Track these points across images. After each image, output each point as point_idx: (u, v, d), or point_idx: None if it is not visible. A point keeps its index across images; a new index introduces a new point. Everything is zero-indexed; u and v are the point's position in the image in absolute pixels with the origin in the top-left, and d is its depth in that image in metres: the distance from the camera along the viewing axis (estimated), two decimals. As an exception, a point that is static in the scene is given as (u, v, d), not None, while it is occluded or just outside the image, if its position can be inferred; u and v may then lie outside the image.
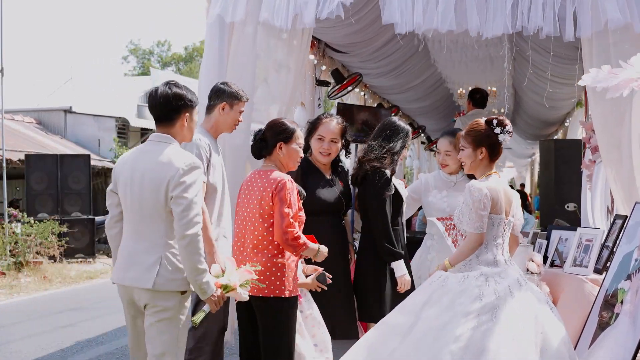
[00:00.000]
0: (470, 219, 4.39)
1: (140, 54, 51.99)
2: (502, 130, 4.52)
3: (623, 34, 5.63)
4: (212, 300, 4.10)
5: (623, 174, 5.81)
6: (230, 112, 5.17)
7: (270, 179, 4.63)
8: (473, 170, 4.62)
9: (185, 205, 3.95)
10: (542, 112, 14.30)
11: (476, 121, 4.62)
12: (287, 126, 4.82)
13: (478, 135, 4.55)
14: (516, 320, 4.13)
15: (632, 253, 4.70)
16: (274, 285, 4.55)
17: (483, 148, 4.54)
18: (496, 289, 4.25)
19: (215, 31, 6.26)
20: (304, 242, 4.57)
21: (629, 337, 4.32)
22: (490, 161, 4.58)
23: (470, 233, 4.41)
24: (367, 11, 7.60)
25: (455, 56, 10.84)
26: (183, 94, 4.14)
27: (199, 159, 4.58)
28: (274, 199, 4.56)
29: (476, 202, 4.36)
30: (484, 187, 4.40)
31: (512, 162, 31.43)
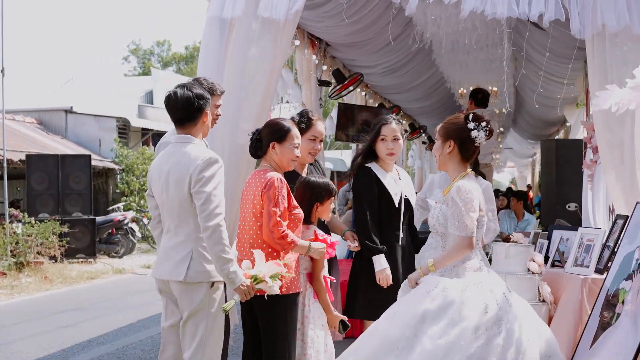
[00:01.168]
0: (460, 221, 4.09)
1: (140, 54, 52.04)
2: (476, 126, 4.21)
3: (622, 35, 5.65)
4: (242, 290, 4.22)
5: (624, 174, 5.81)
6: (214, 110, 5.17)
7: (262, 179, 4.66)
8: (442, 165, 4.35)
9: (204, 198, 4.16)
10: (543, 111, 14.31)
11: (456, 115, 4.38)
12: (281, 125, 4.82)
13: (450, 128, 4.29)
14: (521, 331, 3.97)
15: (633, 253, 4.69)
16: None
17: (452, 141, 4.26)
18: (496, 298, 4.04)
19: (214, 28, 6.24)
20: (292, 240, 4.59)
21: (630, 337, 4.31)
22: (462, 158, 4.28)
23: (461, 237, 4.11)
24: (367, 11, 7.61)
25: (457, 56, 10.85)
26: (202, 94, 4.41)
27: None
28: (263, 198, 4.60)
29: (468, 203, 4.09)
30: (474, 188, 4.17)
31: (514, 162, 31.50)
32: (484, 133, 4.19)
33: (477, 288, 4.05)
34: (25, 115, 22.96)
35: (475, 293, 4.02)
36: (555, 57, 8.72)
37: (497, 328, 3.92)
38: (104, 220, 17.42)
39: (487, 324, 3.92)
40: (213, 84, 5.14)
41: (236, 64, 6.17)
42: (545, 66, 9.19)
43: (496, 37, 9.17)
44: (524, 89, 12.79)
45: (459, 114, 4.37)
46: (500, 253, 5.30)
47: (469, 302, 3.98)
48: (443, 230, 4.22)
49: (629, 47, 5.61)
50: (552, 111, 14.17)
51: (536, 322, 4.17)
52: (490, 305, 3.98)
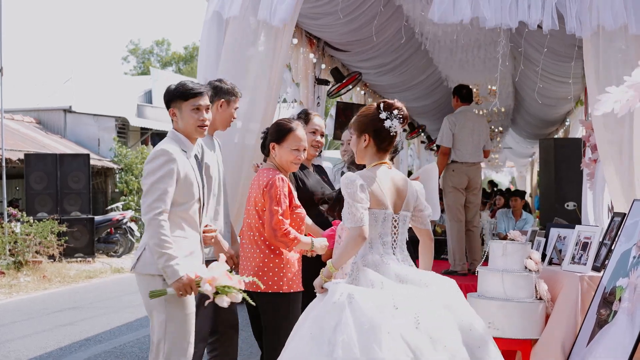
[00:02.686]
0: (349, 212, 3.83)
1: (140, 53, 52.00)
2: (388, 115, 3.97)
3: (619, 35, 5.67)
4: (177, 285, 3.99)
5: (623, 172, 5.82)
6: (227, 109, 5.22)
7: (264, 178, 4.70)
8: (360, 160, 4.10)
9: (144, 191, 4.10)
10: (542, 110, 14.30)
11: (367, 106, 4.13)
12: (282, 126, 4.85)
13: (363, 121, 4.04)
14: (437, 329, 3.62)
15: (630, 251, 4.69)
16: (272, 281, 4.62)
17: (367, 135, 4.01)
18: (405, 294, 3.72)
19: (212, 28, 6.26)
20: (294, 237, 4.61)
21: (627, 334, 4.32)
22: (379, 150, 4.03)
23: (350, 228, 3.85)
24: (364, 9, 7.60)
25: (455, 56, 10.85)
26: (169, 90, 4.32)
27: None
28: (265, 197, 4.63)
29: (351, 194, 3.82)
30: (357, 178, 3.88)
31: (513, 162, 31.49)
32: (397, 121, 3.96)
33: (381, 288, 3.75)
34: (24, 115, 22.96)
35: (382, 294, 3.71)
36: (554, 56, 8.73)
37: (414, 325, 3.60)
38: (103, 219, 17.43)
39: (400, 321, 3.60)
40: (234, 86, 5.26)
41: (233, 63, 6.17)
42: (545, 65, 9.19)
43: (495, 36, 9.17)
44: (523, 87, 12.78)
45: (370, 105, 4.14)
46: (498, 251, 5.30)
47: (376, 306, 3.63)
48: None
49: (626, 46, 5.62)
50: (551, 110, 14.17)
51: (456, 312, 3.77)
52: (400, 304, 3.65)
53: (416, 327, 3.57)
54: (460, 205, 8.63)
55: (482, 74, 12.18)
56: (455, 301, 3.84)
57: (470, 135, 8.75)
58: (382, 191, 3.92)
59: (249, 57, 6.28)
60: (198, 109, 4.25)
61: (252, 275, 4.51)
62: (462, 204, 8.65)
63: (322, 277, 3.92)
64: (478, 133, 8.82)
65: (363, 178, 3.89)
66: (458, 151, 8.70)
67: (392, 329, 3.51)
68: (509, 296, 5.17)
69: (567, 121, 15.83)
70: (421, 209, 4.12)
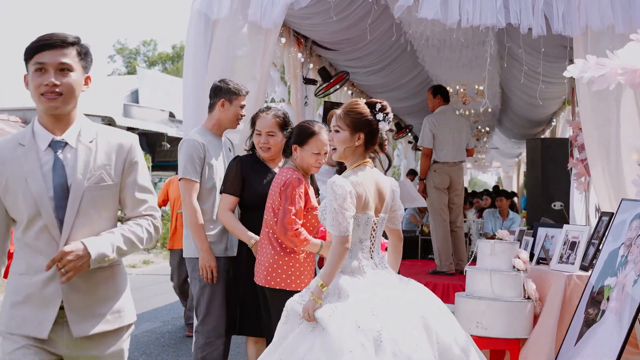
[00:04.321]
0: (334, 219, 3.74)
1: (126, 53, 51.80)
2: (384, 117, 3.95)
3: (606, 35, 5.71)
4: None
5: (611, 171, 5.84)
6: (230, 107, 5.34)
7: (283, 177, 4.80)
8: (345, 157, 3.99)
9: None
10: (529, 111, 14.33)
11: (356, 101, 4.03)
12: (305, 130, 4.92)
13: (359, 119, 3.94)
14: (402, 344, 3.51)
15: (618, 250, 4.69)
16: (280, 278, 4.74)
17: (361, 134, 3.94)
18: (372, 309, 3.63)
19: (199, 28, 6.23)
20: (304, 238, 4.71)
21: (615, 333, 4.31)
22: (366, 150, 3.98)
23: (335, 237, 3.75)
24: (354, 8, 7.59)
25: (442, 55, 10.84)
26: None
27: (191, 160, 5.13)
28: (281, 195, 4.74)
29: (339, 200, 3.73)
30: (347, 183, 3.79)
31: (499, 162, 31.58)
32: (387, 125, 3.96)
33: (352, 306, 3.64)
34: (9, 114, 22.79)
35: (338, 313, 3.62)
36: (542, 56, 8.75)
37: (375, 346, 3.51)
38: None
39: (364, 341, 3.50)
40: (237, 85, 5.38)
41: (222, 64, 6.15)
42: (532, 65, 9.21)
43: (482, 36, 9.18)
44: (510, 88, 12.80)
45: (356, 100, 4.05)
46: (486, 250, 5.29)
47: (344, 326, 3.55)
48: (325, 224, 3.93)
49: (613, 46, 5.64)
50: (538, 110, 14.20)
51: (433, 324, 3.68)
52: (364, 319, 3.57)
53: (378, 345, 3.50)
54: (444, 205, 8.63)
55: (469, 74, 12.19)
56: (432, 312, 3.76)
57: (450, 134, 8.76)
58: (368, 195, 3.87)
59: (237, 57, 6.26)
60: None
61: (264, 271, 4.75)
62: (445, 203, 8.66)
63: (314, 299, 3.72)
64: (459, 132, 8.84)
65: (352, 184, 3.82)
66: (439, 151, 8.72)
67: (354, 347, 3.46)
68: (497, 295, 5.17)
69: (553, 121, 15.87)
70: (395, 209, 4.10)
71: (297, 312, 3.80)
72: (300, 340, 3.67)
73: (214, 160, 5.25)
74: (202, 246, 5.13)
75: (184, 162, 5.18)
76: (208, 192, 5.23)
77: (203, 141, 5.24)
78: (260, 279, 4.83)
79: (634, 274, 4.35)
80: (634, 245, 4.50)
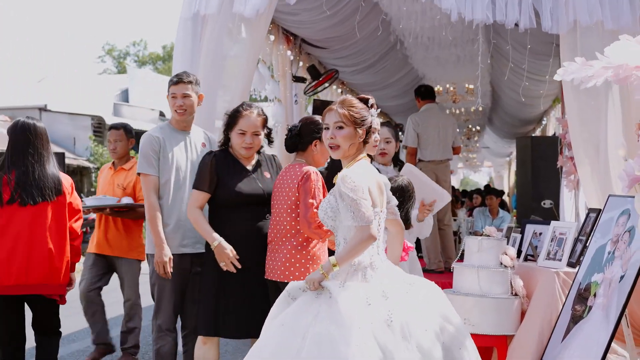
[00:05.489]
0: (356, 211, 3.66)
1: (116, 54, 51.73)
2: (374, 113, 3.98)
3: (594, 30, 5.71)
4: None
5: (599, 168, 5.84)
6: (169, 99, 5.27)
7: (298, 172, 4.81)
8: (348, 154, 3.92)
9: None
10: (519, 109, 14.35)
11: (349, 99, 3.98)
12: (317, 122, 4.96)
13: (361, 115, 3.91)
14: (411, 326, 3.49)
15: (605, 246, 4.69)
16: (299, 272, 4.72)
17: (363, 129, 3.91)
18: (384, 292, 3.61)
19: (188, 26, 6.22)
20: (327, 230, 4.66)
21: (602, 330, 4.31)
22: (364, 145, 3.95)
23: (360, 227, 3.67)
24: (342, 5, 7.58)
25: (432, 53, 10.85)
26: None
27: (144, 155, 5.10)
28: (300, 190, 4.75)
29: (357, 190, 3.67)
30: (360, 173, 3.76)
31: (491, 162, 31.63)
32: (377, 118, 3.98)
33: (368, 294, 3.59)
34: (-2, 113, 22.77)
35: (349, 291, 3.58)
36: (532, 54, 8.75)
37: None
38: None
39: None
40: (177, 75, 5.31)
41: (213, 61, 6.13)
42: (522, 63, 9.21)
43: (472, 33, 9.18)
44: (500, 86, 12.81)
45: (349, 98, 3.99)
46: (473, 247, 5.28)
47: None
48: (332, 224, 3.86)
49: (602, 42, 5.63)
50: (528, 109, 14.22)
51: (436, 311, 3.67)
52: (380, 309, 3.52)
53: (388, 325, 3.48)
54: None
55: (459, 72, 12.20)
56: (437, 302, 3.73)
57: (435, 133, 8.76)
58: (373, 189, 3.82)
59: (227, 54, 6.24)
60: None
61: (282, 266, 4.75)
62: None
63: (322, 273, 3.69)
64: (444, 130, 8.84)
65: (360, 174, 3.77)
66: (424, 150, 8.72)
67: (363, 324, 3.42)
68: (484, 292, 5.16)
69: (544, 120, 15.89)
70: (388, 200, 4.07)
71: (297, 288, 3.75)
72: (305, 307, 3.61)
73: (171, 154, 5.14)
74: (156, 241, 5.06)
75: (139, 157, 5.17)
76: (162, 187, 5.14)
77: (161, 135, 5.18)
78: (275, 275, 4.80)
79: (621, 270, 4.35)
80: (621, 241, 4.50)
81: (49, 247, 5.00)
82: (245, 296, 4.94)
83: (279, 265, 4.80)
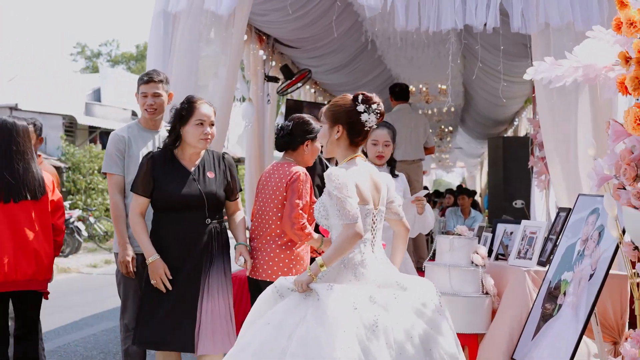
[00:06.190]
0: (341, 208, 3.61)
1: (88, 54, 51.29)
2: (366, 109, 3.78)
3: (565, 32, 5.76)
4: None
5: (569, 167, 5.89)
6: (139, 97, 5.22)
7: (287, 172, 4.84)
8: (330, 152, 3.92)
9: None
10: (492, 110, 14.43)
11: (342, 95, 3.93)
12: (314, 125, 5.03)
13: (337, 111, 3.84)
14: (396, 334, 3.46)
15: (575, 245, 4.72)
16: (282, 272, 4.74)
17: (340, 126, 3.81)
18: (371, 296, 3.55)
19: (159, 24, 6.18)
20: (309, 232, 4.77)
21: (572, 328, 4.34)
22: (351, 143, 3.85)
23: (346, 225, 3.62)
24: (313, 5, 7.57)
25: (404, 53, 10.87)
26: None
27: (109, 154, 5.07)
28: (287, 190, 4.78)
29: (342, 187, 3.61)
30: (344, 171, 3.69)
31: (463, 162, 31.80)
32: (374, 116, 3.79)
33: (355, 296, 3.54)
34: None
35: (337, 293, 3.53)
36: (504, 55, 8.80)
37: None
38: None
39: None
40: (147, 73, 5.23)
41: (184, 61, 6.09)
42: (494, 64, 9.27)
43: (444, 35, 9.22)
44: (472, 86, 12.88)
45: (344, 95, 3.94)
46: (445, 246, 5.30)
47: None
48: (326, 222, 3.82)
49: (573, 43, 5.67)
50: (500, 109, 14.31)
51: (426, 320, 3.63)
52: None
53: (373, 331, 3.44)
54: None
55: (431, 72, 12.23)
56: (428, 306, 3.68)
57: (407, 133, 8.79)
58: (365, 187, 3.77)
59: (199, 53, 6.20)
60: None
61: (264, 265, 4.77)
62: None
63: (310, 274, 3.62)
64: (416, 131, 8.87)
65: (347, 171, 3.71)
66: (396, 150, 8.73)
67: (349, 328, 3.38)
68: (455, 291, 5.17)
69: (515, 120, 15.99)
70: (392, 200, 4.01)
71: (286, 287, 3.70)
72: (292, 308, 3.57)
73: (137, 154, 5.06)
74: (119, 240, 5.00)
75: (105, 156, 5.13)
76: (128, 186, 5.03)
77: (127, 134, 5.11)
78: (257, 274, 4.82)
79: (590, 268, 4.38)
80: (591, 240, 4.53)
81: (35, 244, 5.01)
82: (174, 307, 4.67)
83: (262, 264, 4.81)
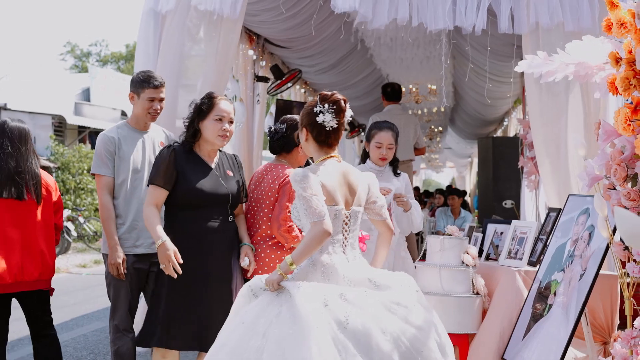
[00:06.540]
0: (308, 207, 3.60)
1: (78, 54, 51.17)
2: (321, 109, 3.78)
3: (555, 32, 5.78)
4: None
5: (559, 167, 5.90)
6: (138, 100, 5.13)
7: (280, 174, 4.84)
8: (308, 154, 3.95)
9: None
10: (481, 110, 14.45)
11: (314, 98, 3.89)
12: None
13: (302, 114, 3.87)
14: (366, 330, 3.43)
15: (565, 245, 4.73)
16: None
17: (304, 128, 3.85)
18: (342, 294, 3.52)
19: (149, 23, 6.17)
20: (295, 235, 4.77)
21: (562, 328, 4.35)
22: (320, 144, 3.84)
23: (312, 223, 3.61)
24: (304, 5, 7.56)
25: (395, 54, 10.88)
26: None
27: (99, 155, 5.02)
28: (279, 192, 4.78)
29: (305, 187, 3.62)
30: (307, 171, 3.69)
31: (453, 162, 31.84)
32: (330, 115, 3.76)
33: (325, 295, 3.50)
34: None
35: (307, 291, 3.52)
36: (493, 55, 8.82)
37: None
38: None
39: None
40: (149, 76, 5.16)
41: (172, 60, 6.07)
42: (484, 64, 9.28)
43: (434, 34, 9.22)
44: (462, 87, 12.89)
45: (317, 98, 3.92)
46: (435, 246, 5.30)
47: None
48: (299, 223, 3.81)
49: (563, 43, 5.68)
50: (490, 110, 14.34)
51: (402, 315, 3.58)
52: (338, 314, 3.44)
53: (345, 327, 3.41)
54: None
55: (422, 72, 12.24)
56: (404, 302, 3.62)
57: None
58: (334, 186, 3.74)
59: (188, 53, 6.19)
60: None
61: (263, 268, 4.72)
62: None
63: (280, 273, 3.62)
64: (406, 131, 8.87)
65: (312, 172, 3.71)
66: None
67: (321, 325, 3.36)
68: (446, 291, 5.17)
69: (505, 120, 16.02)
70: (374, 201, 3.97)
71: (259, 286, 3.70)
72: (265, 307, 3.57)
73: (128, 155, 5.04)
74: (109, 242, 4.94)
75: (94, 157, 5.09)
76: (118, 187, 5.01)
77: (117, 135, 5.06)
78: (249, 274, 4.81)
79: (581, 268, 4.39)
80: (581, 240, 4.54)
81: (42, 245, 5.01)
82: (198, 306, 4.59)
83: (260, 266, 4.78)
